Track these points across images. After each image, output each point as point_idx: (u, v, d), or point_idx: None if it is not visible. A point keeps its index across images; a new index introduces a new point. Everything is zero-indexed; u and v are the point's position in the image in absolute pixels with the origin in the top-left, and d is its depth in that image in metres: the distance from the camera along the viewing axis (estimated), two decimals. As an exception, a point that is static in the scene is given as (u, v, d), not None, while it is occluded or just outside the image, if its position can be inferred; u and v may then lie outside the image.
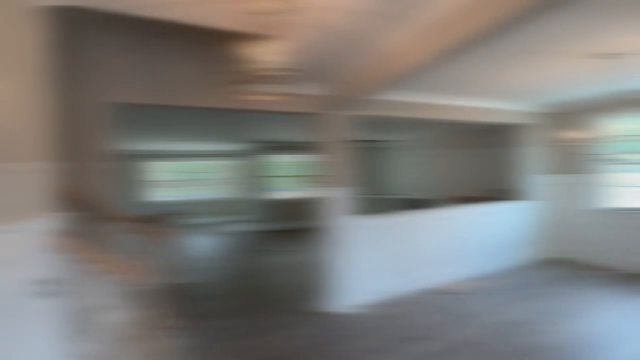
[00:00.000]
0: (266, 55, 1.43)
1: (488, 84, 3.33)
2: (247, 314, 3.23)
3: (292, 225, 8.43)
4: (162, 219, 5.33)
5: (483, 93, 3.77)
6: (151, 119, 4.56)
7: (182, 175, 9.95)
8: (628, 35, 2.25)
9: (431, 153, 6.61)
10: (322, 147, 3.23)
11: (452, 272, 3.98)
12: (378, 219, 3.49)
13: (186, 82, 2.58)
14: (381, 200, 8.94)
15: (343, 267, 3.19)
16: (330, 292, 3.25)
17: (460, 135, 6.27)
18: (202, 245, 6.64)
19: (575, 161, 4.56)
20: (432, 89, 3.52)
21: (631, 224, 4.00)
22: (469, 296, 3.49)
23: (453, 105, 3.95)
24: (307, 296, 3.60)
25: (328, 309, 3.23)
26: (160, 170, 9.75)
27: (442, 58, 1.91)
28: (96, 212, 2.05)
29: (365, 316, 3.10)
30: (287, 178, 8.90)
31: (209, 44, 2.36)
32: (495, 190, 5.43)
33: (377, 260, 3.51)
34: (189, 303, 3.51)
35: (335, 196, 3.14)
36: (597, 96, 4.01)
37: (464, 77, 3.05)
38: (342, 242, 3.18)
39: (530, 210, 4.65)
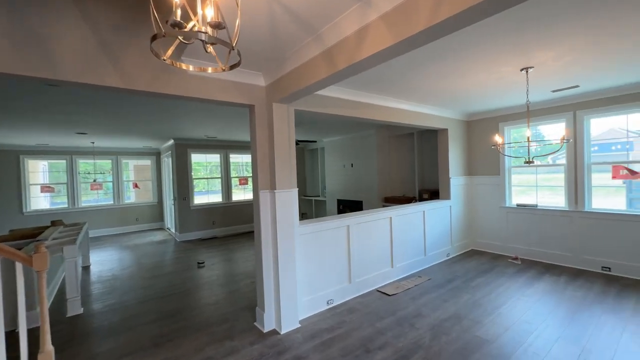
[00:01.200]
0: (197, 14, 1.01)
1: (419, 88, 3.44)
2: (164, 348, 2.59)
3: (223, 233, 7.63)
4: (46, 232, 4.08)
5: (416, 97, 3.91)
6: (21, 100, 3.43)
7: (71, 176, 8.10)
8: (539, 50, 2.49)
9: (366, 154, 6.73)
10: (259, 145, 2.82)
11: (389, 272, 3.99)
12: (316, 223, 3.23)
13: (74, 46, 1.88)
14: (317, 203, 8.81)
15: (281, 278, 2.82)
16: (268, 309, 2.85)
17: (393, 138, 6.54)
18: (106, 262, 5.40)
19: (490, 164, 5.15)
20: (369, 89, 3.46)
21: (533, 219, 4.65)
22: (408, 296, 3.51)
23: (387, 107, 3.99)
24: (241, 315, 3.12)
25: (267, 327, 2.83)
26: (42, 170, 7.76)
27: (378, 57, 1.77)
28: None
29: (310, 331, 2.80)
30: (217, 180, 8.03)
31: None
32: (425, 190, 5.79)
33: (317, 268, 3.26)
34: (83, 342, 2.66)
35: (272, 199, 2.77)
36: (507, 107, 4.60)
37: (398, 80, 3.07)
38: (279, 250, 2.82)
39: (454, 208, 5.05)
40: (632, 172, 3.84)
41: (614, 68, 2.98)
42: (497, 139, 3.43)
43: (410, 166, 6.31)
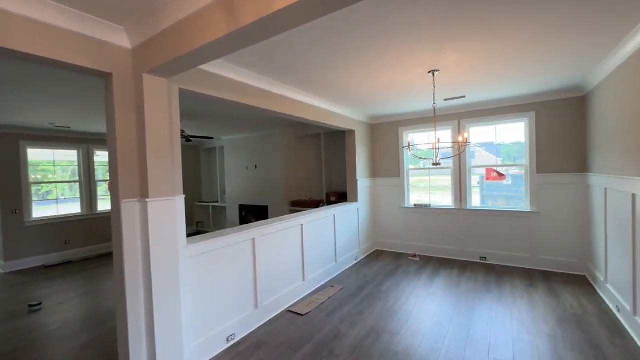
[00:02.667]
0: None
1: (333, 84, 3.16)
2: None
3: (81, 255, 5.72)
4: None
5: (328, 94, 3.62)
6: None
7: None
8: (444, 52, 2.49)
9: (271, 155, 6.17)
10: (119, 134, 1.93)
11: (301, 287, 3.56)
12: (211, 240, 2.52)
13: None
14: (215, 210, 7.71)
15: (157, 321, 2.01)
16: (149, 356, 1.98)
17: (300, 139, 6.19)
18: None
19: (391, 166, 5.34)
20: (279, 78, 2.97)
21: (427, 218, 5.01)
22: (323, 312, 3.13)
23: (298, 101, 3.58)
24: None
25: (138, 399, 1.95)
26: None
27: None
28: None
29: (205, 388, 2.07)
30: (75, 184, 6.02)
31: None
32: (333, 193, 5.62)
33: (214, 297, 2.54)
34: None
35: (143, 212, 1.93)
36: (407, 112, 4.82)
37: (311, 72, 2.69)
38: (155, 282, 2.00)
39: (361, 210, 5.02)
40: (500, 175, 4.52)
41: (500, 82, 3.33)
42: (405, 141, 3.43)
43: (318, 168, 6.10)
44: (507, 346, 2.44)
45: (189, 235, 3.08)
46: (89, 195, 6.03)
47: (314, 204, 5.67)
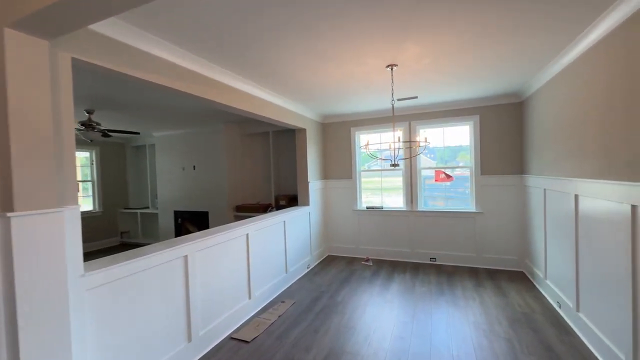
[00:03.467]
0: None
1: (284, 74, 2.79)
2: None
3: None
4: None
5: (279, 86, 3.24)
6: None
7: None
8: (407, 43, 2.31)
9: (212, 155, 5.51)
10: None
11: (247, 306, 3.09)
12: (125, 264, 1.95)
13: None
14: (145, 217, 6.69)
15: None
16: None
17: (246, 137, 5.64)
18: None
19: (343, 167, 5.13)
20: (221, 62, 2.51)
21: (379, 220, 4.90)
22: (273, 336, 2.72)
23: (243, 92, 3.13)
24: None
25: None
26: None
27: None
28: None
29: None
30: None
31: None
32: (282, 196, 5.20)
33: (129, 338, 1.96)
34: None
35: (5, 234, 1.32)
36: (360, 112, 4.65)
37: (260, 58, 2.29)
38: (35, 330, 1.39)
39: (313, 215, 4.71)
40: (448, 176, 4.61)
41: (453, 83, 3.30)
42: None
43: (266, 169, 5.63)
44: (469, 356, 2.32)
45: (108, 249, 2.40)
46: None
47: (262, 208, 5.19)
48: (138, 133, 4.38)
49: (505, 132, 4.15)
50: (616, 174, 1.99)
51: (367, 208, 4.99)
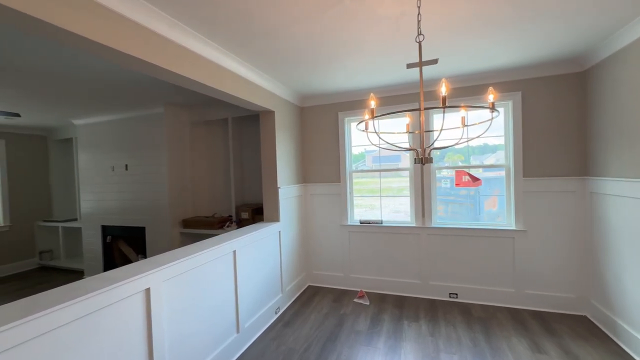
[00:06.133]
0: None
1: (252, 20, 1.45)
2: None
3: None
4: None
5: (237, 41, 1.86)
6: None
7: None
8: None
9: (150, 149, 4.03)
10: None
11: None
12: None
13: None
14: (68, 232, 5.09)
15: None
16: None
17: (197, 126, 4.19)
18: None
19: (328, 167, 3.78)
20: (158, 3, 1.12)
21: (378, 240, 3.57)
22: None
23: (184, 48, 1.75)
24: None
25: None
26: None
27: None
28: None
29: None
30: None
31: None
32: (245, 206, 3.79)
33: None
34: None
35: None
36: (352, 89, 3.27)
37: None
38: None
39: (285, 234, 3.33)
40: (474, 179, 3.32)
41: (490, 35, 2.01)
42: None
43: (224, 170, 4.20)
44: None
45: (23, 274, 1.00)
46: None
47: (218, 223, 3.76)
48: (18, 115, 2.87)
49: (560, 116, 2.90)
50: None
51: (362, 223, 3.65)
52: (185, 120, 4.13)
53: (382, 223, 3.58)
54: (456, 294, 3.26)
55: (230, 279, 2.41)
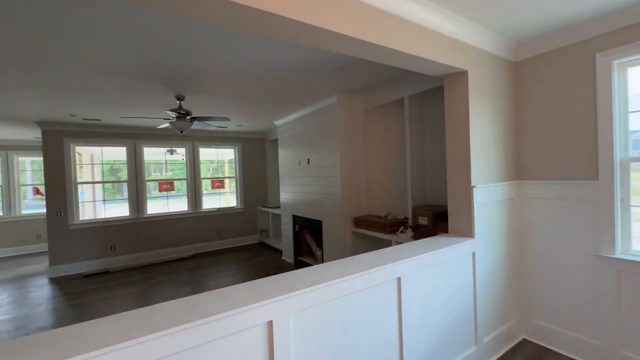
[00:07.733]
0: None
1: None
2: None
3: (125, 263, 5.09)
4: None
5: None
6: None
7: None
8: None
9: (326, 141, 3.97)
10: None
11: None
12: None
13: None
14: (275, 218, 6.10)
15: None
16: None
17: (370, 111, 3.74)
18: None
19: (573, 152, 2.24)
20: None
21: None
22: None
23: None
24: None
25: None
26: None
27: None
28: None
29: None
30: (124, 183, 5.59)
31: None
32: (425, 208, 2.94)
33: None
34: None
35: None
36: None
37: None
38: None
39: (482, 256, 2.20)
40: None
41: None
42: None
43: (400, 161, 3.48)
44: None
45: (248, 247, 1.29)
46: (135, 197, 5.40)
47: (390, 226, 3.13)
48: (227, 119, 3.44)
49: None
50: None
51: None
52: (358, 108, 3.75)
53: None
54: None
55: (393, 318, 1.68)
